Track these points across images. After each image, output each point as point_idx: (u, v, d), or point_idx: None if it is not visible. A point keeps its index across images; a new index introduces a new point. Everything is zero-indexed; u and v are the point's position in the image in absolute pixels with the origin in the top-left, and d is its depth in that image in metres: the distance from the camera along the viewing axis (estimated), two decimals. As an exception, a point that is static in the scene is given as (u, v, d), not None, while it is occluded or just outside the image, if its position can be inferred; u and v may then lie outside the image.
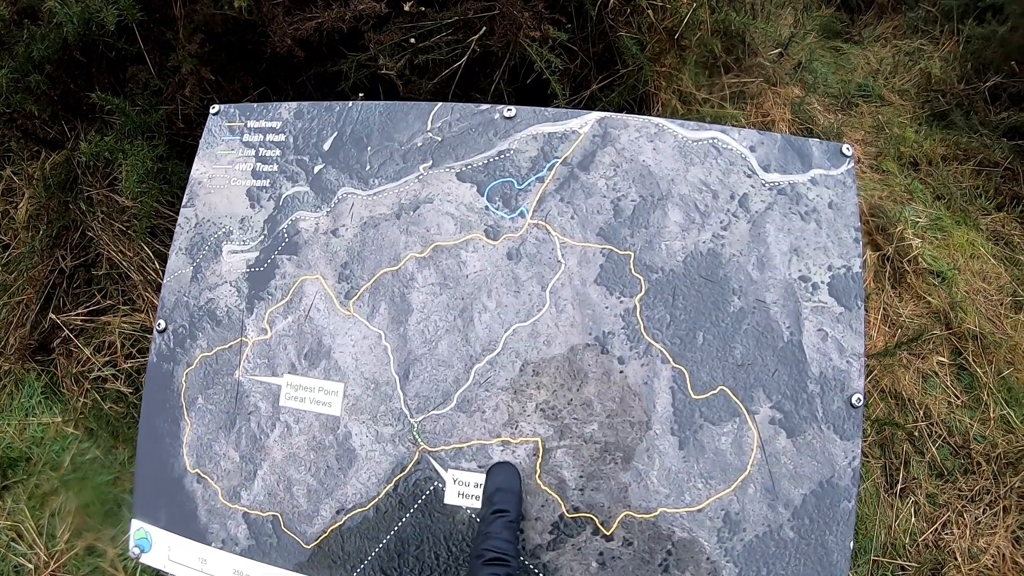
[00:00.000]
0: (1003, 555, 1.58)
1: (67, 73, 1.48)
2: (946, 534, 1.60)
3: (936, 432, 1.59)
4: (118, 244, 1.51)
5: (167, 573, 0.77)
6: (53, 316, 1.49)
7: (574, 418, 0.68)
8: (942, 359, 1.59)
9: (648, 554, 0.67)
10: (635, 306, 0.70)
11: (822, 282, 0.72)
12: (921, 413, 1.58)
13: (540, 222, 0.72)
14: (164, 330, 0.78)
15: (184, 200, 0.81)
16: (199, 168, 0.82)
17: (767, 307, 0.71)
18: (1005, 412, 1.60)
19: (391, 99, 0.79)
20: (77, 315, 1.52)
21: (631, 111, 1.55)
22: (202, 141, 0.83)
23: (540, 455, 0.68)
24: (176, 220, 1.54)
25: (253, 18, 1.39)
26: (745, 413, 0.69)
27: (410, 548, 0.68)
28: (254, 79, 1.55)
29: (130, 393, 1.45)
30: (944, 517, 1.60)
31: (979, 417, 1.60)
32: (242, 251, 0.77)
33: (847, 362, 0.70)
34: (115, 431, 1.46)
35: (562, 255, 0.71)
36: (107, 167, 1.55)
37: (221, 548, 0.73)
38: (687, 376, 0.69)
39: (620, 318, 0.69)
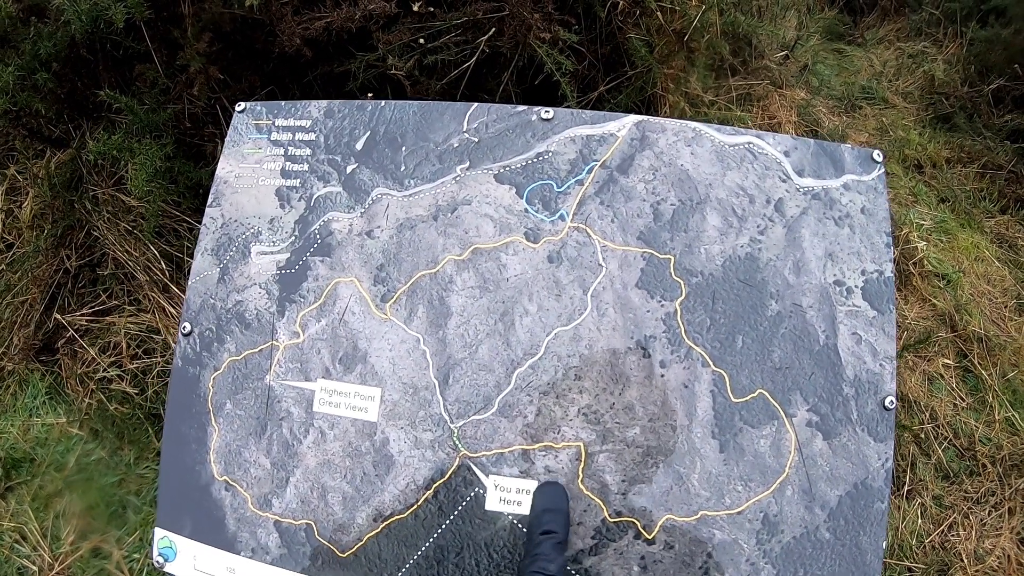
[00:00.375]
0: (1008, 556, 1.59)
1: (74, 71, 1.45)
2: (952, 536, 1.62)
3: (942, 434, 1.60)
4: (124, 244, 1.49)
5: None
6: (58, 316, 1.47)
7: (616, 422, 0.67)
8: (948, 361, 1.61)
9: (689, 557, 0.66)
10: (676, 310, 0.70)
11: (856, 286, 0.72)
12: (927, 415, 1.59)
13: (580, 225, 0.71)
14: (189, 333, 0.76)
15: (209, 200, 0.79)
16: (224, 167, 0.80)
17: (803, 311, 0.71)
18: (1010, 414, 1.62)
19: (399, 99, 0.78)
20: (82, 315, 1.50)
21: (638, 113, 1.55)
22: (227, 139, 0.81)
23: (583, 460, 0.67)
24: (183, 220, 1.52)
25: (262, 17, 1.38)
26: (783, 416, 0.69)
27: (450, 555, 0.67)
28: (261, 79, 1.53)
29: (135, 394, 1.43)
30: (950, 519, 1.62)
31: (984, 419, 1.62)
32: (272, 252, 0.76)
33: (880, 365, 0.71)
34: (120, 432, 1.44)
35: (603, 258, 0.71)
36: (113, 166, 1.52)
37: (251, 557, 0.71)
38: (727, 379, 0.69)
39: (661, 322, 0.69)
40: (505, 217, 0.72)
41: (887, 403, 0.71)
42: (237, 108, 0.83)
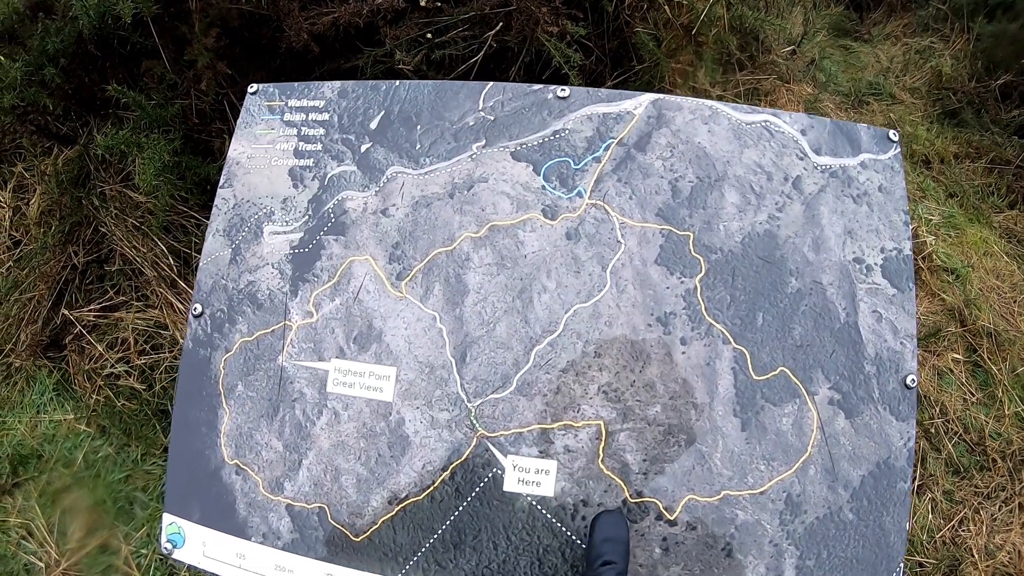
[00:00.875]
0: (1019, 552, 1.57)
1: (81, 67, 1.45)
2: (963, 531, 1.60)
3: (952, 429, 1.59)
4: (131, 240, 1.47)
5: (201, 570, 0.73)
6: (66, 312, 1.46)
7: (637, 400, 0.66)
8: (957, 356, 1.59)
9: (711, 538, 0.65)
10: (696, 286, 0.68)
11: (875, 264, 0.71)
12: (937, 410, 1.58)
13: (598, 202, 0.70)
14: (200, 315, 0.75)
15: (221, 181, 0.78)
16: (237, 148, 0.79)
17: (823, 288, 0.70)
18: (1020, 409, 1.60)
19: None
20: (90, 311, 1.48)
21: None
22: (239, 121, 0.80)
23: (603, 439, 0.66)
24: (191, 216, 1.51)
25: (269, 13, 1.37)
26: (805, 394, 0.67)
27: (467, 538, 0.65)
28: (268, 74, 1.53)
29: (143, 390, 1.41)
30: (961, 514, 1.59)
31: (994, 414, 1.60)
32: (285, 232, 0.74)
33: (901, 343, 0.69)
34: (128, 428, 1.42)
35: (622, 235, 0.69)
36: (120, 162, 1.52)
37: (262, 543, 0.70)
38: (748, 357, 0.67)
39: (681, 298, 0.68)
40: (522, 194, 0.71)
41: (908, 382, 0.69)
42: (250, 90, 0.82)
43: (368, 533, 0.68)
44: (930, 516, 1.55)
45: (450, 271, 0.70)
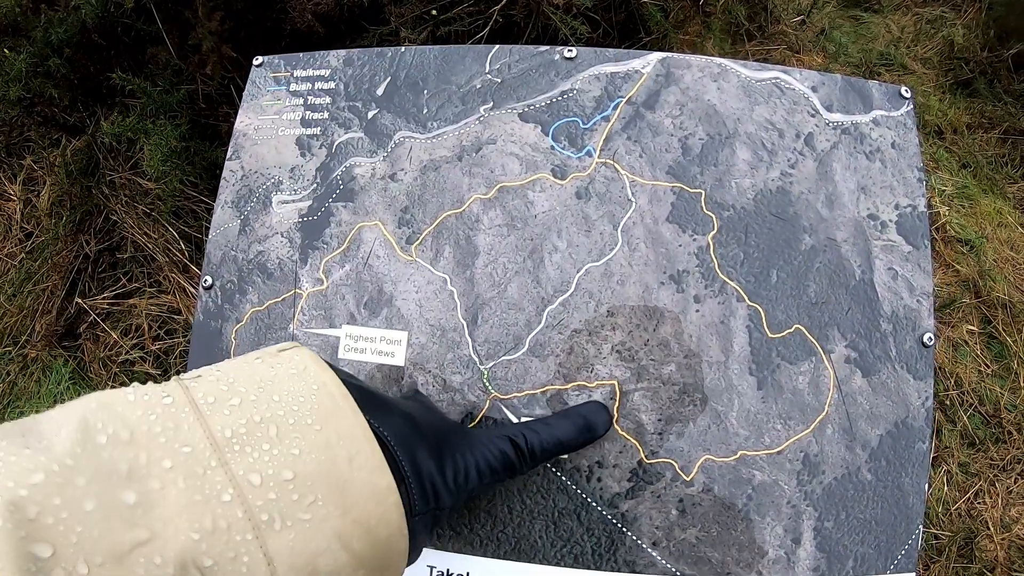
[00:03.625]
0: (1035, 525, 1.55)
1: (86, 56, 1.44)
2: (978, 503, 1.58)
3: (967, 401, 1.56)
4: (142, 227, 1.47)
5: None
6: (79, 301, 1.46)
7: (651, 359, 0.65)
8: (972, 328, 1.57)
9: (728, 499, 0.64)
10: (708, 244, 0.67)
11: (890, 220, 0.70)
12: (952, 382, 1.56)
13: (608, 160, 0.69)
14: (211, 286, 0.74)
15: (228, 154, 0.78)
16: (243, 120, 0.78)
17: (838, 245, 0.68)
18: (1035, 381, 1.58)
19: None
20: (103, 299, 1.49)
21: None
22: (245, 93, 0.79)
23: (617, 399, 0.65)
24: (201, 200, 1.51)
25: (273, -6, 1.36)
26: (821, 352, 0.66)
27: (480, 502, 0.65)
28: (274, 56, 1.51)
29: (159, 375, 1.42)
30: (976, 486, 1.58)
31: (1010, 386, 1.58)
32: (293, 200, 0.74)
33: (917, 301, 0.68)
34: (144, 414, 1.41)
35: (632, 193, 0.68)
36: (129, 150, 1.51)
37: None
38: (763, 314, 0.66)
39: (694, 256, 0.67)
40: (531, 155, 0.70)
41: (926, 340, 0.68)
42: (255, 62, 0.81)
43: (383, 498, 0.67)
44: (945, 488, 1.53)
45: (460, 233, 0.69)
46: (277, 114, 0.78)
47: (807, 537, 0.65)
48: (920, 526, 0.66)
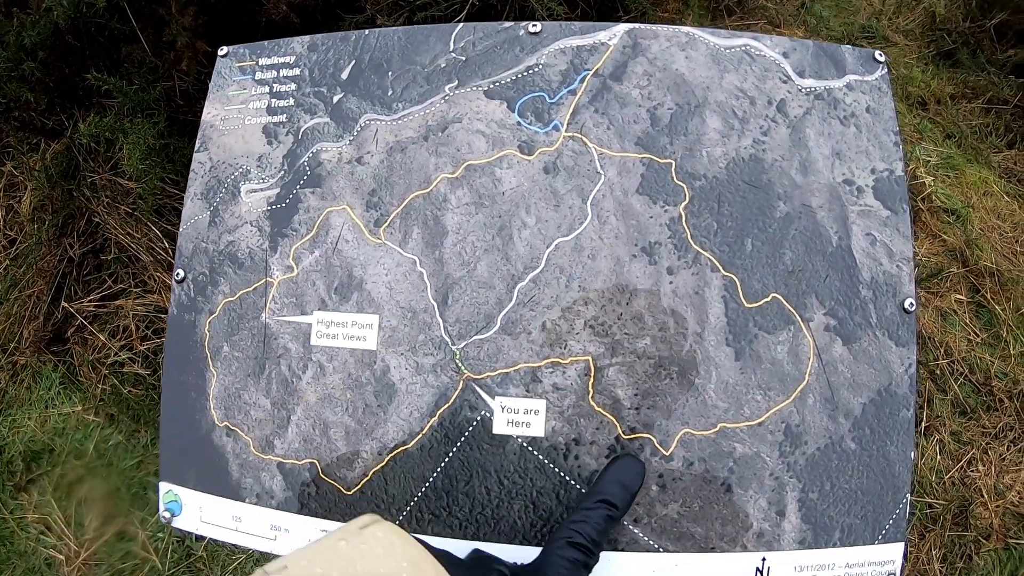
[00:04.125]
0: (1030, 491, 1.54)
1: (60, 58, 1.41)
2: (971, 471, 1.57)
3: (958, 370, 1.55)
4: (125, 227, 1.45)
5: (202, 537, 0.72)
6: (65, 305, 1.44)
7: (625, 333, 0.63)
8: (960, 297, 1.55)
9: (709, 473, 0.63)
10: (680, 214, 0.65)
11: (867, 185, 0.68)
12: (942, 351, 1.54)
13: (576, 134, 0.67)
14: (183, 280, 0.72)
15: (196, 146, 0.76)
16: (210, 111, 0.76)
17: (813, 212, 0.66)
18: (1025, 348, 1.56)
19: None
20: (90, 302, 1.47)
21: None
22: (212, 84, 0.77)
23: (592, 374, 0.63)
24: (182, 198, 1.48)
25: (245, -14, 1.33)
26: (799, 320, 0.64)
27: (459, 485, 0.63)
28: (249, 52, 1.48)
29: (148, 375, 1.40)
30: (969, 454, 1.56)
31: (999, 354, 1.57)
32: (262, 189, 0.72)
33: (897, 266, 0.66)
34: (136, 415, 1.41)
35: (601, 166, 0.66)
36: (108, 151, 1.49)
37: (256, 503, 0.68)
38: (738, 284, 0.64)
39: (666, 227, 0.65)
40: (497, 132, 0.68)
41: (907, 305, 0.66)
42: (220, 52, 0.79)
43: (360, 486, 0.66)
44: (938, 457, 1.52)
45: (428, 214, 0.67)
46: (243, 103, 0.76)
47: (792, 509, 0.63)
48: (908, 495, 0.65)
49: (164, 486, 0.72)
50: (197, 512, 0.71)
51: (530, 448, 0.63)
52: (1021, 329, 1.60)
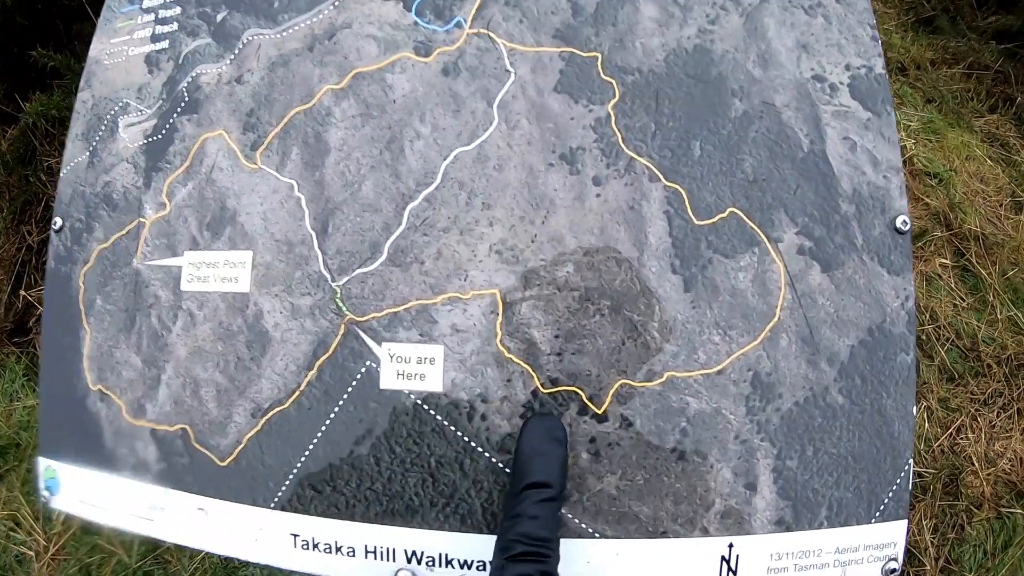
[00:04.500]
0: (1020, 459, 1.29)
1: (10, 39, 1.25)
2: (961, 439, 1.32)
3: (944, 335, 1.31)
4: (85, 212, 1.27)
5: (79, 518, 0.54)
6: (25, 294, 1.27)
7: (541, 260, 0.44)
8: (944, 261, 1.31)
9: (655, 436, 0.43)
10: (609, 114, 0.46)
11: (841, 83, 0.48)
12: (928, 316, 1.30)
13: (481, 30, 0.48)
14: (60, 229, 0.55)
15: (80, 84, 0.59)
16: (96, 47, 0.60)
17: (778, 111, 0.46)
18: (1012, 313, 1.32)
19: None
20: (53, 290, 1.29)
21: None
22: (100, 19, 0.60)
23: (500, 312, 0.44)
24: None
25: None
26: (765, 241, 0.44)
27: (342, 453, 0.44)
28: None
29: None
30: (958, 422, 1.32)
31: (986, 319, 1.32)
32: (139, 122, 0.54)
33: (884, 177, 0.46)
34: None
35: (511, 64, 0.47)
36: (63, 133, 1.31)
37: (132, 476, 0.50)
38: (685, 196, 0.44)
39: (591, 130, 0.45)
40: (391, 34, 0.49)
41: (900, 224, 0.46)
42: (112, -15, 0.62)
43: (234, 455, 0.47)
44: (926, 425, 1.28)
45: (308, 131, 0.49)
46: (129, 34, 0.58)
47: (764, 481, 0.43)
48: (910, 460, 0.45)
49: (43, 462, 0.55)
50: (76, 490, 0.53)
51: (425, 406, 0.44)
52: (1007, 293, 1.35)
